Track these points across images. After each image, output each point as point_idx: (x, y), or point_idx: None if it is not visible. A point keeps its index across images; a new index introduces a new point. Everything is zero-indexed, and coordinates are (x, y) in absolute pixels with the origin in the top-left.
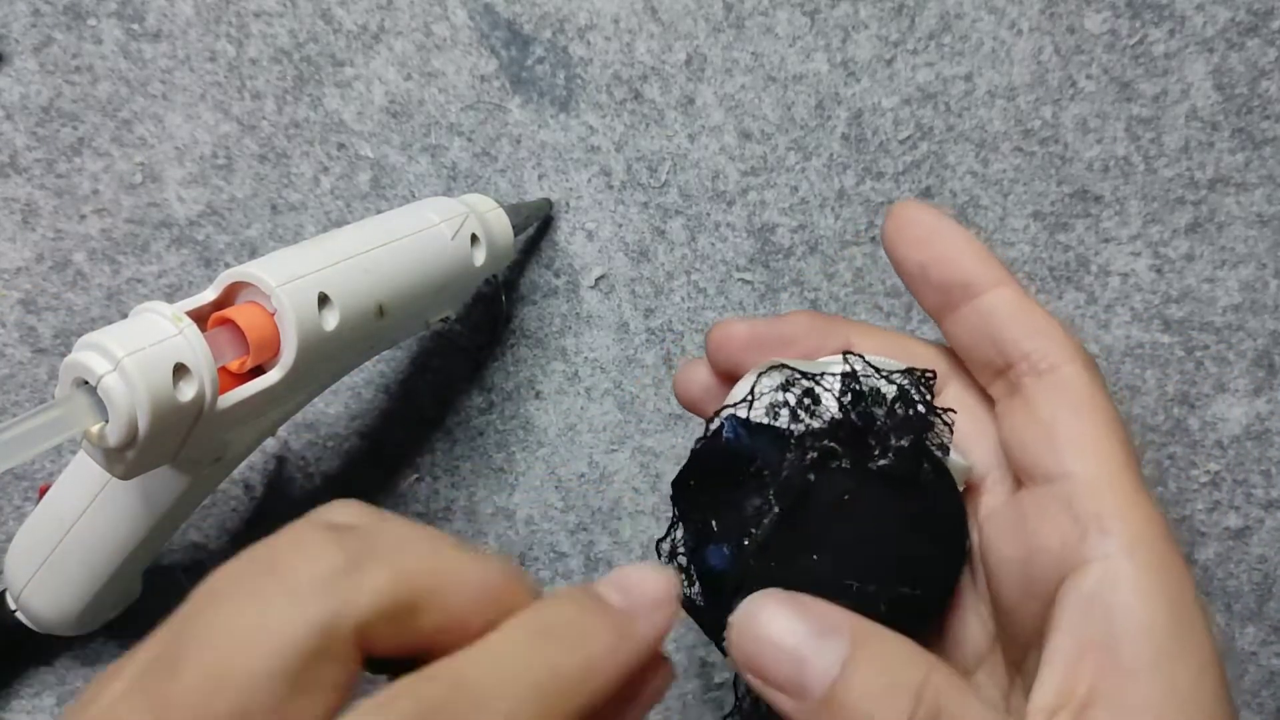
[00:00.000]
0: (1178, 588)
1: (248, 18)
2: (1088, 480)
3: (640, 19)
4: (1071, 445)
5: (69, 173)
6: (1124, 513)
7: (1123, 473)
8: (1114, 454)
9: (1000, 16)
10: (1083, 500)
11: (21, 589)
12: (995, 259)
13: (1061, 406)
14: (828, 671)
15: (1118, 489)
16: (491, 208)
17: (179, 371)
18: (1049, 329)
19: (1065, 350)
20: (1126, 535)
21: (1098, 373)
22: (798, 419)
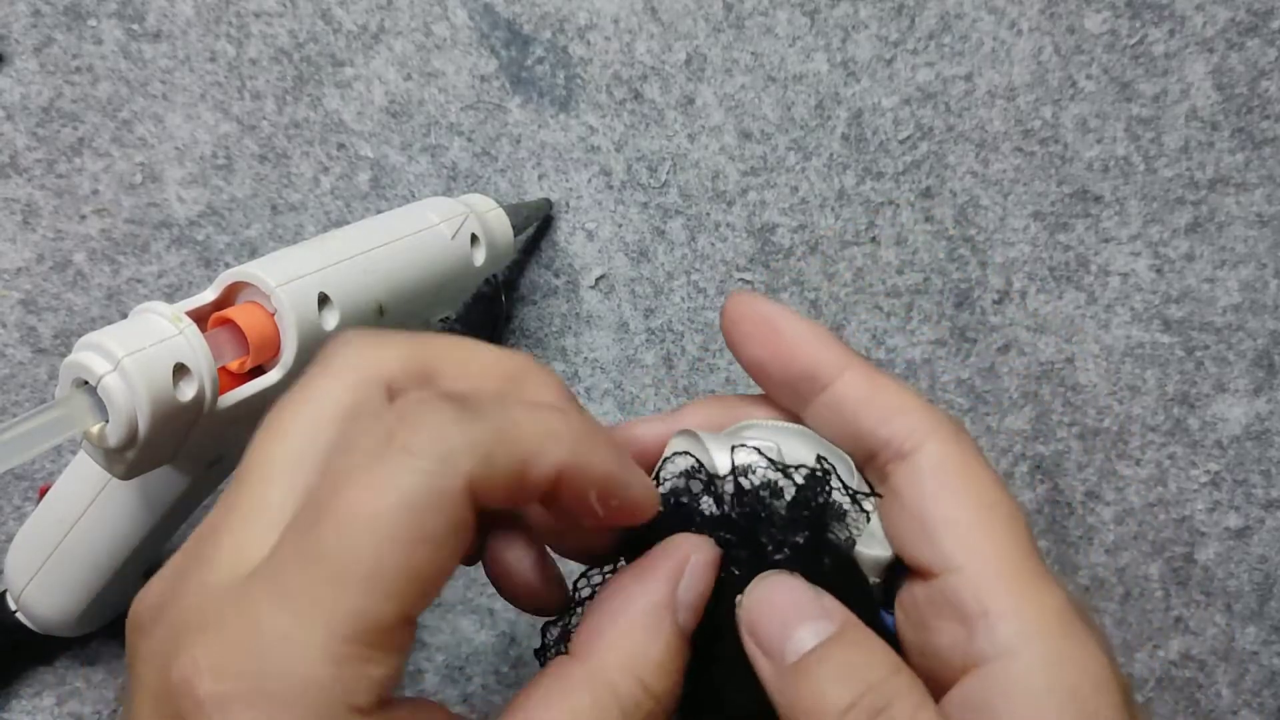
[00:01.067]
0: (1076, 678)
1: (248, 18)
2: (970, 573)
3: (640, 19)
4: (947, 535)
5: (69, 173)
6: (1011, 604)
7: (1006, 557)
8: (993, 535)
9: (1000, 16)
10: (966, 597)
11: (22, 589)
12: (837, 342)
13: (928, 494)
14: (804, 644)
15: (1002, 577)
16: (491, 208)
17: (179, 371)
18: (903, 406)
19: (924, 426)
20: (1015, 630)
21: (965, 439)
22: (697, 508)
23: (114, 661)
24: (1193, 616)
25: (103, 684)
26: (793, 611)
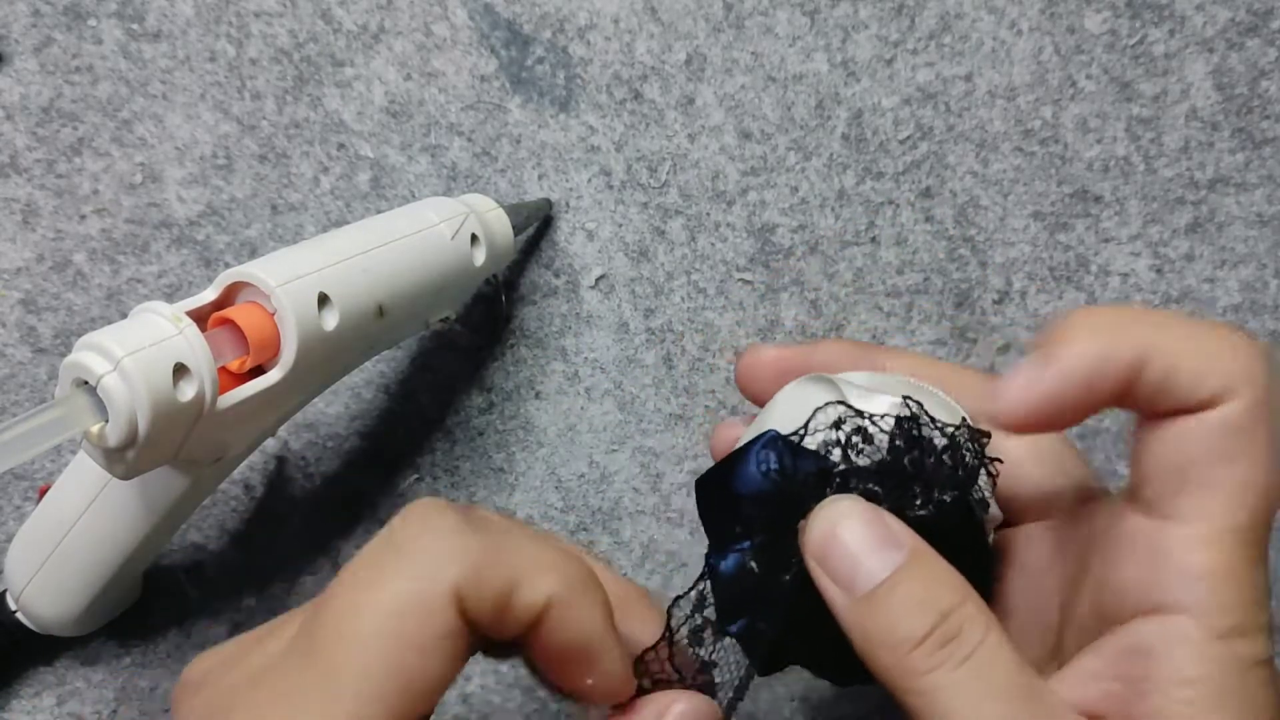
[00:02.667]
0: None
1: (248, 18)
2: (1192, 532)
3: (640, 19)
4: (1193, 493)
5: (69, 173)
6: (1217, 573)
7: (1236, 533)
8: (1238, 509)
9: (1000, 16)
10: (1176, 548)
11: (22, 589)
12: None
13: (1199, 452)
14: (875, 575)
15: (1220, 548)
16: (491, 208)
17: (179, 371)
18: (1213, 362)
19: (1231, 384)
20: (1207, 598)
21: (1263, 404)
22: (847, 459)
23: (114, 661)
24: None
25: (103, 684)
26: (861, 540)
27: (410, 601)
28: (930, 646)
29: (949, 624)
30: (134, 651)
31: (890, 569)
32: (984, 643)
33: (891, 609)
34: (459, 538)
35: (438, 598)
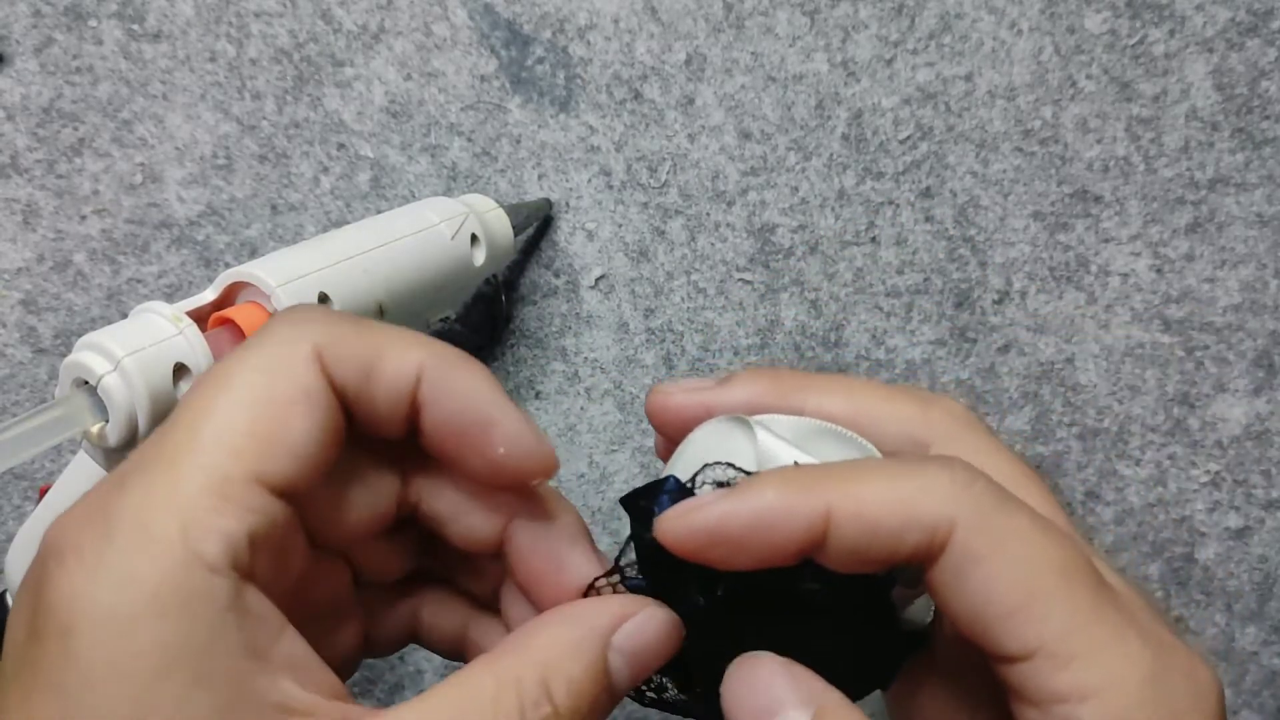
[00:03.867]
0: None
1: (248, 18)
2: (1040, 659)
3: (640, 19)
4: (1001, 630)
5: (69, 173)
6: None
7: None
8: (1051, 606)
9: (1000, 16)
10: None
11: None
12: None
13: (971, 589)
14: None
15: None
16: (491, 208)
17: (179, 371)
18: (908, 510)
19: (941, 518)
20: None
21: (987, 497)
22: None
23: None
24: (1193, 617)
25: None
26: (770, 698)
27: (268, 362)
28: None
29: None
30: None
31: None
32: None
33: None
34: (316, 314)
35: (297, 356)
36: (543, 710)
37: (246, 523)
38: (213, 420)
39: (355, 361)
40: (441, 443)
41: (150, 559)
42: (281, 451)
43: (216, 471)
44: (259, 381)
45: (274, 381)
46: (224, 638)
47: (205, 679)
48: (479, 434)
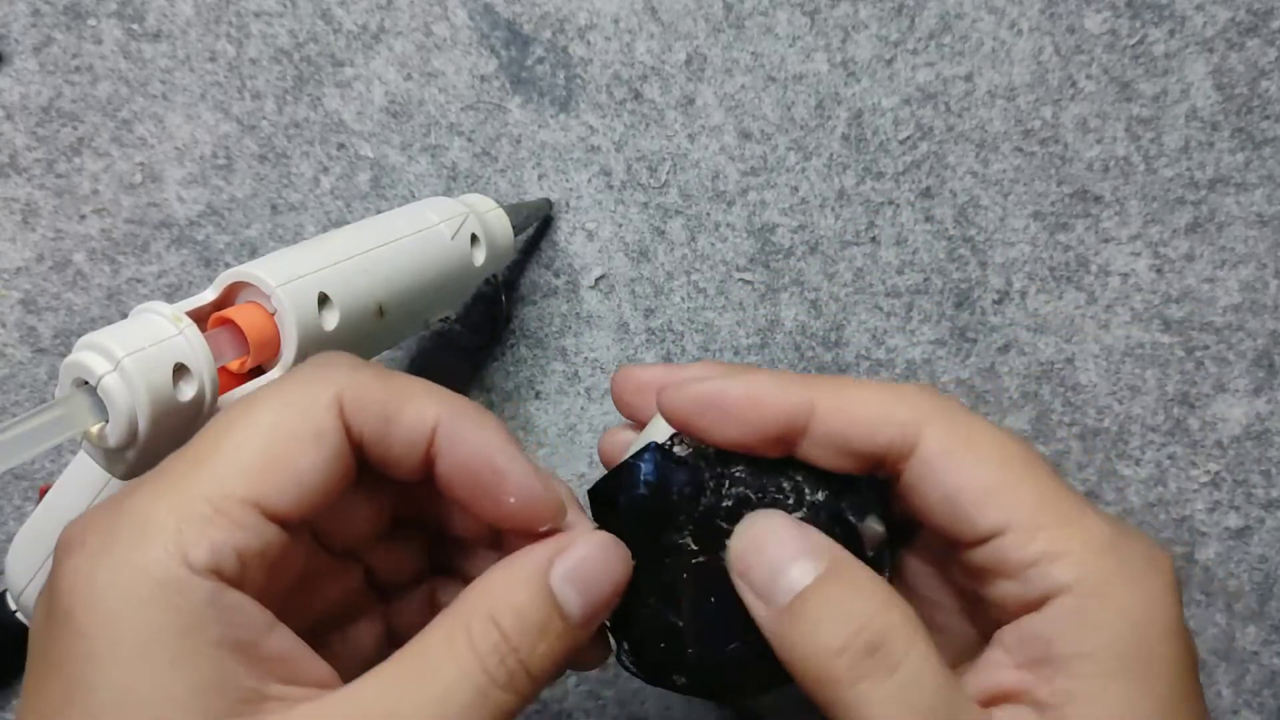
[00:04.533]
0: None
1: (248, 18)
2: (1009, 533)
3: (640, 19)
4: (974, 507)
5: (69, 173)
6: (1055, 547)
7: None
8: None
9: (1000, 16)
10: (1011, 555)
11: (22, 589)
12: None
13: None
14: (793, 587)
15: (1039, 526)
16: (491, 208)
17: (179, 371)
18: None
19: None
20: (1062, 569)
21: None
22: (715, 464)
23: None
24: (1193, 616)
25: None
26: (781, 551)
27: (290, 400)
28: (854, 656)
29: (872, 632)
30: None
31: (811, 578)
32: (909, 655)
33: (813, 618)
34: (344, 361)
35: (318, 398)
36: (491, 637)
37: (235, 538)
38: (229, 441)
39: (375, 410)
40: (454, 489)
41: (143, 551)
42: (285, 482)
43: (219, 487)
44: (278, 416)
45: (291, 418)
46: (202, 630)
47: (182, 662)
48: (491, 484)
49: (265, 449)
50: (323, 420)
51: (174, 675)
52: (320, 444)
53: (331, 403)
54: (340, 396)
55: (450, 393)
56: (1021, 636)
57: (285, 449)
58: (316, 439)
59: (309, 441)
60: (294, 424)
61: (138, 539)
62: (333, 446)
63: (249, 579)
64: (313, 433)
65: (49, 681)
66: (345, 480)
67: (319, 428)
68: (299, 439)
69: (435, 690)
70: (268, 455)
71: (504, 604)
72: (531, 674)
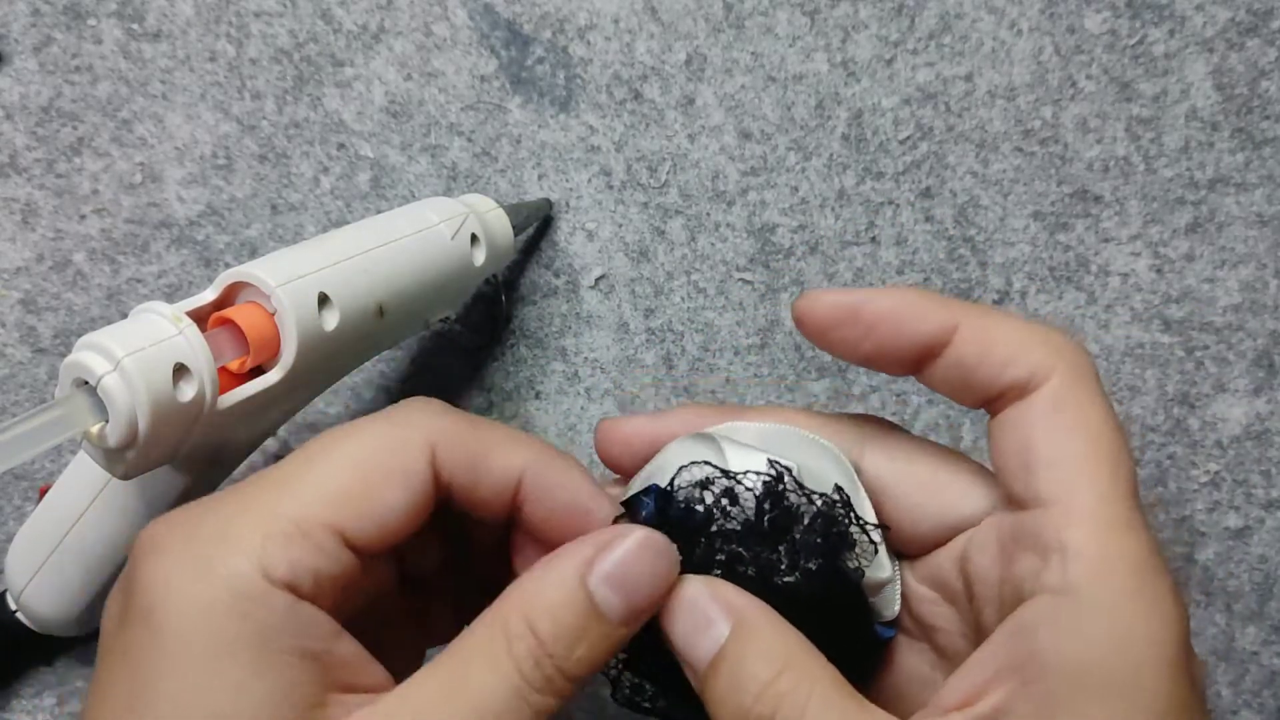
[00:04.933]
0: (1130, 629)
1: (248, 18)
2: (1057, 510)
3: (640, 19)
4: (1044, 471)
5: (69, 173)
6: (1088, 545)
7: (1097, 497)
8: (1090, 474)
9: (1000, 16)
10: (1047, 531)
11: (22, 589)
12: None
13: (1038, 431)
14: (707, 652)
15: (1087, 518)
16: (491, 208)
17: (179, 371)
18: (1021, 347)
19: (1045, 364)
20: (1083, 570)
21: (1086, 374)
22: (712, 517)
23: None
24: (1193, 616)
25: None
26: (694, 618)
27: (385, 439)
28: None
29: (763, 701)
30: None
31: (717, 646)
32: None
33: (719, 687)
34: (437, 407)
35: (412, 440)
36: (527, 641)
37: (314, 560)
38: (321, 467)
39: (465, 457)
40: (541, 530)
41: (224, 561)
42: (367, 516)
43: (305, 510)
44: (370, 450)
45: (383, 454)
46: (279, 639)
47: (261, 670)
48: (580, 525)
49: (354, 480)
50: (414, 461)
51: (247, 681)
52: (408, 484)
53: (424, 445)
54: (432, 441)
55: (537, 440)
56: (1011, 630)
57: (374, 483)
58: (405, 477)
59: (397, 479)
60: (385, 460)
61: (220, 548)
62: (419, 488)
63: (321, 599)
64: (402, 471)
65: (120, 677)
66: (423, 518)
67: (408, 467)
68: (388, 475)
69: (473, 696)
70: (355, 486)
71: (541, 607)
72: (569, 676)
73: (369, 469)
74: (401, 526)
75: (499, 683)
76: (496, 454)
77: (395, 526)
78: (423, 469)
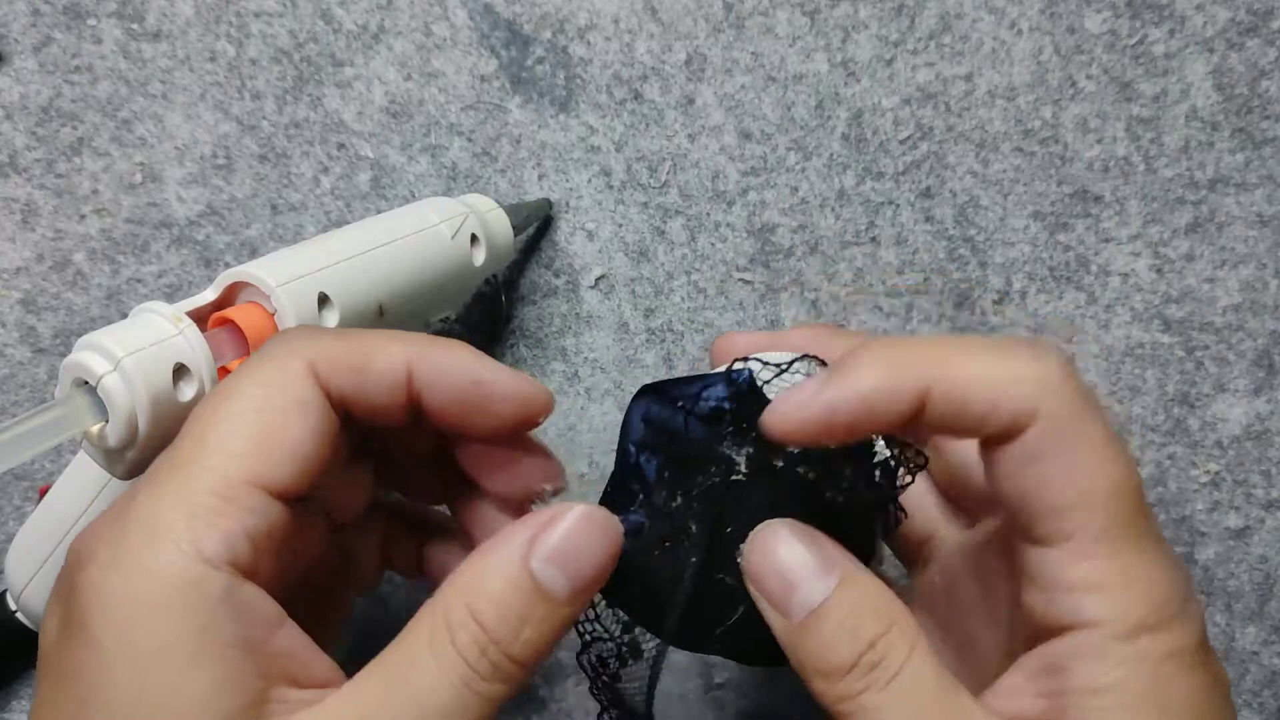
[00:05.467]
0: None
1: (248, 18)
2: (1065, 550)
3: (640, 19)
4: (1047, 516)
5: (69, 173)
6: (1098, 580)
7: (1100, 535)
8: (1092, 511)
9: (1000, 16)
10: (1056, 572)
11: (22, 589)
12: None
13: (1031, 477)
14: (808, 603)
15: (1094, 556)
16: (491, 208)
17: (179, 371)
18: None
19: (1026, 408)
20: (1098, 605)
21: (1071, 404)
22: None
23: None
24: None
25: None
26: (796, 567)
27: (266, 377)
28: (858, 673)
29: (875, 650)
30: None
31: (822, 596)
32: (908, 663)
33: (823, 637)
34: (304, 331)
35: (291, 370)
36: (470, 630)
37: (246, 523)
38: (217, 430)
39: (346, 368)
40: (446, 418)
41: (155, 553)
42: (281, 457)
43: (220, 476)
44: (258, 394)
45: (271, 394)
46: (218, 628)
47: (201, 662)
48: (478, 396)
49: (254, 429)
50: (301, 389)
51: (189, 678)
52: (305, 411)
53: (305, 370)
54: (311, 362)
55: (416, 334)
56: (1040, 665)
57: (273, 424)
58: (300, 407)
59: (294, 412)
60: (275, 399)
61: (148, 542)
62: (316, 412)
63: (261, 566)
64: (295, 402)
65: (64, 694)
66: (335, 443)
67: (299, 396)
68: (283, 412)
69: (418, 693)
70: (258, 434)
71: (481, 595)
72: (517, 661)
73: (264, 413)
74: (316, 456)
75: (444, 676)
76: (377, 356)
77: (311, 457)
78: (313, 392)
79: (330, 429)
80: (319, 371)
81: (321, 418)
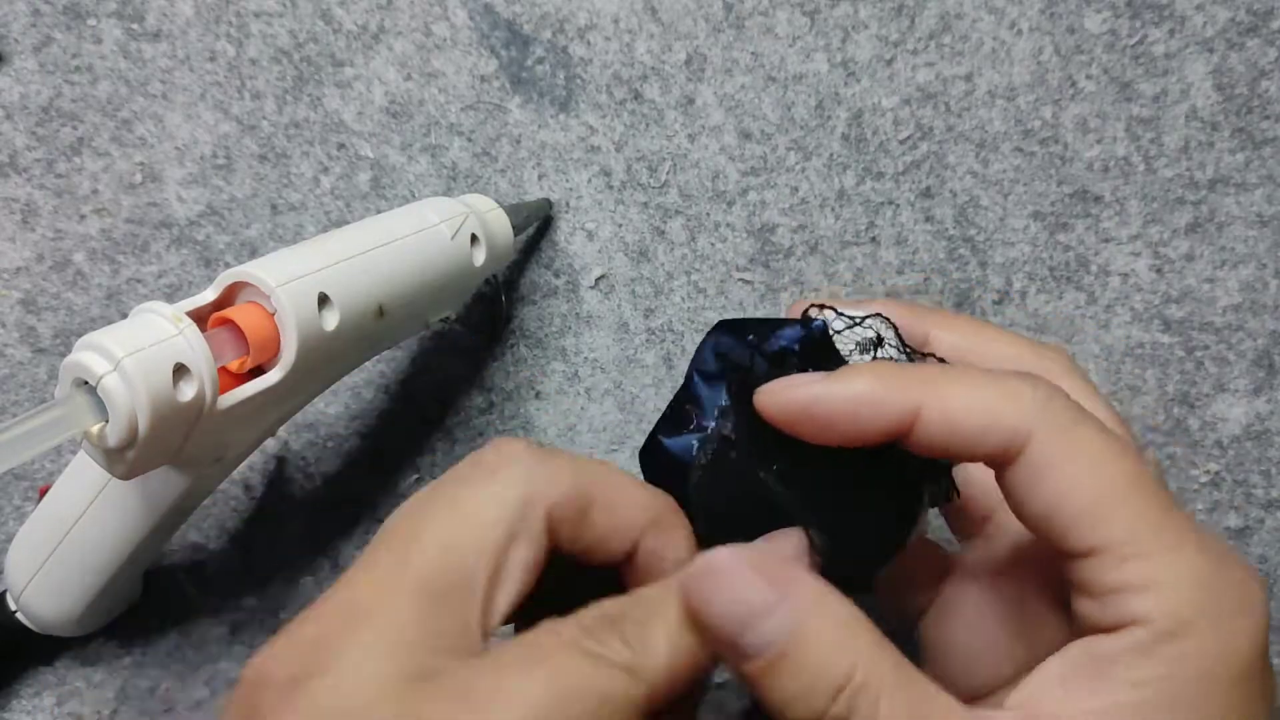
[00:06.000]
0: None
1: (248, 18)
2: (1101, 555)
3: (640, 19)
4: (1071, 528)
5: (69, 173)
6: (1144, 578)
7: (1128, 531)
8: (1114, 511)
9: (1000, 16)
10: (1099, 578)
11: (22, 589)
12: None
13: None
14: (762, 647)
15: (1129, 555)
16: (491, 208)
17: (179, 371)
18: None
19: (1021, 429)
20: (1152, 602)
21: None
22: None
23: (114, 661)
24: None
25: (103, 684)
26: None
27: (498, 513)
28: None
29: (845, 699)
30: (134, 651)
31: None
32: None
33: (785, 686)
34: (549, 458)
35: (529, 514)
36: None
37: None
38: (426, 566)
39: (574, 516)
40: (635, 579)
41: (357, 689)
42: (488, 609)
43: (444, 574)
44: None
45: (501, 538)
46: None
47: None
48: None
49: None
50: (532, 534)
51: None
52: (527, 560)
53: (544, 517)
54: (550, 507)
55: (650, 492)
56: (1085, 651)
57: (490, 568)
58: (524, 554)
59: (518, 563)
60: (504, 540)
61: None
62: (537, 561)
63: None
64: (525, 547)
65: None
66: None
67: (530, 541)
68: (509, 562)
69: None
70: (476, 578)
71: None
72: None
73: (493, 538)
74: (526, 592)
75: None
76: (612, 512)
77: (522, 595)
78: (542, 542)
79: (540, 566)
80: (552, 519)
81: (540, 564)
